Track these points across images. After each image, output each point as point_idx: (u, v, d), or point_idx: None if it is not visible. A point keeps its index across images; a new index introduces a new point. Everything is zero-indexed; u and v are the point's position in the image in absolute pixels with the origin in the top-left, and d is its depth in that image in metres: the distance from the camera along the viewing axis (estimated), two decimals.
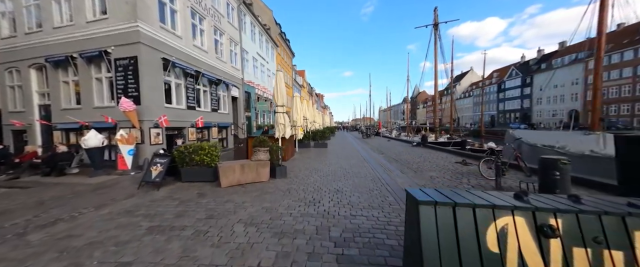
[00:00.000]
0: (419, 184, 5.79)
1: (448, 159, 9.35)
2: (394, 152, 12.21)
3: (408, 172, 7.17)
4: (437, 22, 18.32)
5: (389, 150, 13.43)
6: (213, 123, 10.95)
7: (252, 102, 16.59)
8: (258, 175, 5.79)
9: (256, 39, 18.11)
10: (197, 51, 9.97)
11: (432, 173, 7.00)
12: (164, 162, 5.30)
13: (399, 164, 8.62)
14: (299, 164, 8.43)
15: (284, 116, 8.69)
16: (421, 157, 10.10)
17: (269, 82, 21.28)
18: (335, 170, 7.46)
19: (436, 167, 7.91)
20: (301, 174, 6.90)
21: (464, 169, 7.44)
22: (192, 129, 9.37)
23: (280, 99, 8.62)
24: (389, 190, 5.24)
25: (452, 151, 11.57)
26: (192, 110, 9.46)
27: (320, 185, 5.62)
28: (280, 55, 25.51)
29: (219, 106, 11.80)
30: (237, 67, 14.10)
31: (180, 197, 4.65)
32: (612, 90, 35.23)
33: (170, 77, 8.48)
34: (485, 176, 5.96)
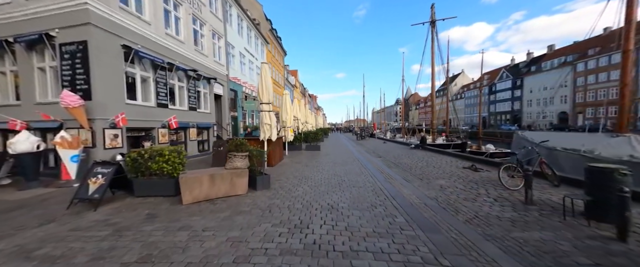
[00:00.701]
0: (429, 196, 4.78)
1: (453, 164, 8.45)
2: (392, 156, 11.26)
3: (413, 180, 6.18)
4: (434, 19, 17.67)
5: (386, 153, 12.49)
6: (191, 123, 9.68)
7: (238, 101, 15.34)
8: (233, 187, 4.64)
9: (244, 33, 16.91)
10: (171, 41, 8.71)
11: (441, 181, 6.03)
12: (107, 172, 4.08)
13: (400, 170, 7.64)
14: (287, 171, 7.31)
15: (270, 116, 7.56)
16: (423, 161, 9.17)
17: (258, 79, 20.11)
18: (329, 178, 6.39)
19: (443, 173, 6.96)
20: (288, 183, 5.79)
21: (476, 175, 6.52)
22: (164, 130, 8.09)
23: (266, 96, 7.49)
24: (395, 206, 4.20)
25: (453, 153, 10.72)
26: (164, 109, 8.19)
27: (311, 199, 4.52)
28: (271, 52, 24.34)
29: (198, 104, 10.54)
30: (221, 62, 12.86)
31: (121, 221, 3.45)
32: (600, 92, 35.84)
33: (135, 69, 7.21)
34: (506, 186, 5.02)
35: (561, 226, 3.32)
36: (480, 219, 3.64)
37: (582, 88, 38.51)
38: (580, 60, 38.67)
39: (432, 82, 17.46)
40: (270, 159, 7.95)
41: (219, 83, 12.46)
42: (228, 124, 13.40)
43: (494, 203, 4.32)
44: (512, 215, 3.75)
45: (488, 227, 3.35)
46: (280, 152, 9.28)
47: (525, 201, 4.20)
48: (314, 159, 9.91)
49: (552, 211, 3.83)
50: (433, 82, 17.45)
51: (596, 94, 36.47)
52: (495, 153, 16.15)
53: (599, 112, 36.18)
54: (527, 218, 3.62)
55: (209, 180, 4.37)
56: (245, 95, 16.58)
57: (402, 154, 11.69)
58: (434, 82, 17.81)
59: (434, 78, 17.46)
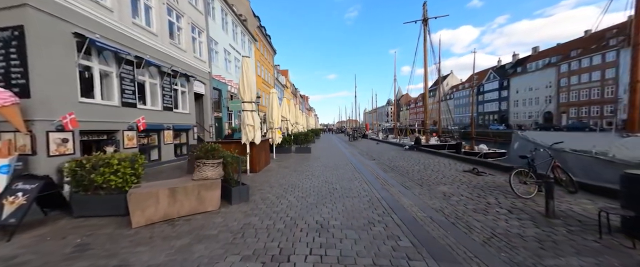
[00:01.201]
0: (433, 207, 4.13)
1: (452, 167, 7.90)
2: (386, 158, 10.65)
3: (412, 187, 5.53)
4: (426, 17, 17.34)
5: (380, 155, 11.88)
6: (166, 125, 8.69)
7: (223, 101, 14.34)
8: (201, 202, 3.80)
9: (229, 29, 15.92)
10: (140, 32, 7.72)
11: (443, 187, 5.42)
12: (31, 189, 3.15)
13: (397, 174, 7.00)
14: (273, 178, 6.50)
15: (253, 116, 6.74)
16: (420, 164, 8.59)
17: None
18: (319, 186, 5.64)
19: (443, 178, 6.37)
20: (271, 194, 4.99)
21: (479, 180, 5.95)
22: (131, 133, 7.09)
23: (248, 94, 6.67)
24: (397, 222, 3.51)
25: (450, 155, 10.24)
26: (131, 108, 7.19)
27: (296, 215, 3.76)
28: (260, 50, 23.37)
29: (175, 104, 9.54)
30: (202, 58, 11.87)
31: (33, 259, 2.55)
32: (583, 92, 37.03)
33: (92, 62, 6.20)
34: (519, 194, 4.44)
35: (600, 248, 2.72)
36: (500, 239, 3.00)
37: (566, 88, 39.73)
38: (564, 61, 39.89)
39: (425, 81, 17.10)
40: (254, 165, 7.12)
41: (200, 81, 11.47)
42: (211, 125, 12.40)
43: (509, 216, 3.71)
44: (536, 232, 3.14)
45: (512, 251, 2.70)
46: (266, 156, 8.45)
47: (547, 213, 3.61)
48: (303, 163, 9.13)
49: (582, 227, 3.24)
50: (425, 81, 17.08)
51: (579, 94, 37.68)
52: (489, 153, 15.94)
53: (581, 111, 37.38)
54: (555, 237, 3.01)
55: (169, 195, 3.52)
56: (231, 95, 15.59)
57: (397, 156, 11.11)
58: (427, 81, 17.46)
59: (426, 76, 17.10)
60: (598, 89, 35.01)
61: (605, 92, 34.16)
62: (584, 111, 36.93)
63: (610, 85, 33.48)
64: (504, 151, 15.98)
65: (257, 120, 6.86)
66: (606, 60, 33.81)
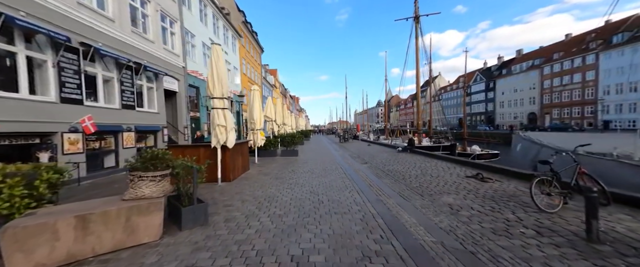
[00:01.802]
0: (442, 226, 3.27)
1: (452, 171, 7.16)
2: (379, 161, 9.83)
3: (412, 197, 4.68)
4: (418, 14, 16.84)
5: (372, 157, 11.07)
6: (126, 126, 7.43)
7: (201, 100, 13.08)
8: (132, 233, 2.74)
9: (208, 22, 14.67)
10: (88, 14, 6.47)
11: (448, 198, 4.60)
12: None
13: (393, 181, 6.15)
14: (248, 188, 5.46)
15: (224, 115, 5.68)
16: (416, 168, 7.81)
17: (229, 77, 17.77)
18: (302, 198, 4.66)
19: (445, 185, 5.57)
20: (241, 211, 3.97)
21: (486, 187, 5.19)
22: (75, 136, 5.84)
23: (218, 88, 5.61)
24: (400, 253, 2.61)
25: (446, 157, 9.56)
26: (75, 106, 5.93)
27: (265, 248, 2.77)
28: (245, 47, 22.14)
29: (140, 102, 8.28)
30: (175, 52, 10.62)
31: None
32: (565, 94, 38.23)
33: (16, 47, 4.94)
34: (541, 207, 3.66)
35: None
36: None
37: (549, 90, 40.95)
38: (547, 64, 41.13)
39: (417, 78, 16.56)
40: (227, 172, 6.05)
41: (172, 77, 10.21)
42: (186, 126, 11.13)
43: (540, 240, 2.90)
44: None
45: None
46: (244, 161, 7.37)
47: (589, 237, 2.81)
48: (288, 168, 8.13)
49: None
50: (418, 78, 16.54)
51: (561, 96, 38.88)
52: (482, 154, 15.57)
53: (564, 112, 38.57)
54: None
55: (77, 226, 2.43)
56: None
57: (390, 159, 10.32)
58: (419, 78, 16.94)
59: (418, 74, 16.57)
60: (579, 90, 36.21)
61: (585, 94, 35.36)
62: (566, 112, 38.12)
63: (590, 87, 34.69)
64: (497, 152, 15.68)
65: (231, 119, 5.80)
66: (586, 62, 35.03)
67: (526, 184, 5.29)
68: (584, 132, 29.34)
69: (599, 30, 36.69)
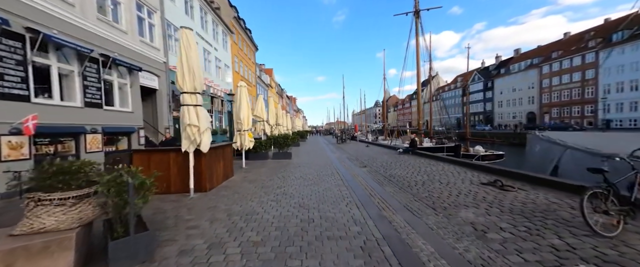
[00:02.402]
0: (469, 259, 2.38)
1: (463, 176, 6.31)
2: (379, 164, 8.96)
3: (423, 213, 3.81)
4: (418, 9, 16.06)
5: (371, 160, 10.19)
6: (90, 127, 6.46)
7: None
8: None
9: (195, 15, 13.71)
10: None
11: (467, 213, 3.74)
12: None
13: (397, 189, 5.28)
14: (224, 202, 4.54)
15: (197, 113, 4.76)
16: (422, 173, 6.95)
17: (219, 75, 16.80)
18: (289, 215, 3.76)
19: (460, 195, 4.71)
20: (205, 236, 3.06)
21: (511, 199, 4.34)
22: (17, 139, 4.87)
23: (188, 81, 4.69)
24: None
25: (453, 160, 8.72)
26: (18, 103, 4.97)
27: None
28: (237, 44, 21.17)
29: (108, 99, 7.31)
30: (154, 45, 9.66)
31: None
32: (564, 93, 37.83)
33: None
34: (597, 230, 2.80)
35: None
36: None
37: (548, 89, 40.56)
38: (545, 62, 40.75)
39: (418, 77, 15.76)
40: (203, 181, 5.12)
41: (151, 73, 9.24)
42: (168, 127, 10.15)
43: None
44: None
45: None
46: (226, 166, 6.44)
47: None
48: (278, 174, 7.21)
49: None
50: (418, 77, 15.74)
51: (560, 95, 38.48)
52: (486, 155, 14.80)
53: (563, 111, 38.17)
54: None
55: None
56: None
57: (391, 162, 9.45)
58: (420, 77, 16.15)
59: (419, 73, 15.77)
60: (578, 89, 35.82)
61: (585, 93, 34.96)
62: (566, 111, 37.71)
63: (590, 86, 34.30)
64: (502, 153, 14.93)
65: (205, 118, 4.88)
66: (586, 61, 34.65)
67: (556, 193, 4.46)
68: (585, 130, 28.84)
69: (598, 29, 36.39)
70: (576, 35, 39.41)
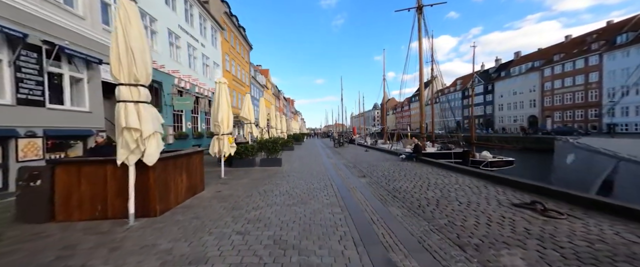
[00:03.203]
0: None
1: (486, 193, 5.12)
2: (381, 173, 7.76)
3: (449, 255, 2.61)
4: (421, 4, 15.03)
5: (372, 168, 8.99)
6: (22, 130, 5.21)
7: (165, 98, 10.86)
8: None
9: (178, 6, 12.53)
10: None
11: (512, 259, 2.56)
12: None
13: (406, 211, 4.07)
14: (172, 234, 3.30)
15: (137, 112, 3.53)
16: (433, 187, 5.76)
17: (206, 73, 15.59)
18: (252, 265, 2.52)
19: (491, 224, 3.52)
20: None
21: (567, 233, 3.15)
22: None
23: (126, 68, 3.47)
24: None
25: (463, 169, 7.55)
26: None
27: None
28: (229, 42, 20.00)
29: (54, 96, 6.06)
30: None
31: None
32: (567, 96, 37.05)
33: None
34: None
35: None
36: None
37: (550, 92, 39.79)
38: (547, 65, 40.04)
39: (420, 76, 14.67)
40: (150, 202, 3.88)
41: None
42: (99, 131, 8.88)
43: None
44: None
45: None
46: (193, 180, 5.21)
47: None
48: (260, 187, 5.99)
49: None
50: (421, 76, 14.67)
51: (563, 98, 37.69)
52: (495, 161, 13.68)
53: (566, 115, 37.34)
54: None
55: None
56: (179, 91, 12.11)
57: (394, 171, 8.26)
58: (423, 76, 15.07)
59: (422, 71, 14.70)
60: (582, 92, 35.04)
61: (589, 96, 34.17)
62: (569, 115, 36.89)
63: (594, 89, 33.53)
64: (511, 159, 13.81)
65: (151, 120, 3.65)
66: (589, 64, 33.93)
67: (625, 224, 3.26)
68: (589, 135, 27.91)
69: (600, 31, 35.80)
70: (578, 38, 38.81)
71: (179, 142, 11.32)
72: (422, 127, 14.86)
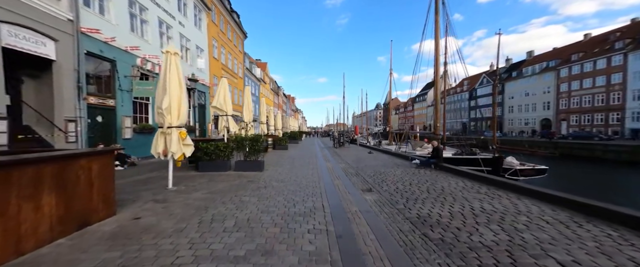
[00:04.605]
0: None
1: (585, 234, 2.93)
2: (393, 187, 5.55)
3: None
4: None
5: (380, 177, 6.77)
6: None
7: (120, 81, 8.69)
8: None
9: None
10: None
11: None
12: None
13: None
14: None
15: None
16: (482, 218, 3.57)
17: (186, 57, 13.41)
18: None
19: None
20: None
21: None
22: None
23: None
24: None
25: (505, 182, 5.34)
26: None
27: None
28: (217, 26, 17.79)
29: None
30: None
31: None
32: (585, 99, 34.55)
33: None
34: None
35: None
36: None
37: (566, 94, 37.29)
38: (564, 65, 37.50)
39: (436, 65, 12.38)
40: None
41: (42, 34, 5.87)
42: (74, 119, 6.76)
43: None
44: None
45: None
46: (84, 202, 3.05)
47: None
48: (209, 211, 3.84)
49: None
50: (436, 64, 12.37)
51: (581, 101, 35.19)
52: (524, 169, 11.44)
53: (583, 119, 34.86)
54: None
55: None
56: (144, 74, 9.94)
57: (411, 182, 6.05)
58: (438, 67, 12.74)
59: (437, 58, 12.38)
60: (602, 95, 32.53)
61: (610, 99, 31.68)
62: (587, 118, 34.40)
63: (616, 92, 31.04)
64: (545, 167, 11.55)
65: None
66: (612, 64, 31.40)
67: None
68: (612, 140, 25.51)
69: (624, 29, 33.24)
70: (600, 36, 36.22)
71: (142, 137, 9.18)
72: (437, 127, 12.58)
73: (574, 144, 25.98)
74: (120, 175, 6.77)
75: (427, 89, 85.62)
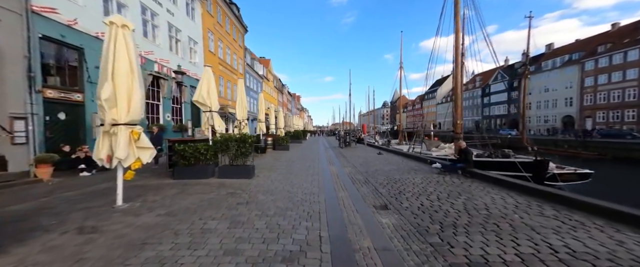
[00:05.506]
0: None
1: None
2: (417, 203, 4.08)
3: None
4: None
5: (397, 188, 5.31)
6: None
7: (87, 71, 7.53)
8: None
9: None
10: None
11: None
12: None
13: None
14: None
15: None
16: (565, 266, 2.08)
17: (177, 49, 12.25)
18: None
19: None
20: None
21: None
22: None
23: None
24: None
25: (577, 200, 3.81)
26: None
27: None
28: (213, 17, 16.60)
29: None
30: None
31: None
32: (614, 94, 31.71)
33: None
34: None
35: None
36: None
37: (591, 89, 34.43)
38: (589, 58, 34.62)
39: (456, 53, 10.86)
40: None
41: None
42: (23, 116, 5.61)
43: None
44: None
45: None
46: None
47: None
48: (151, 249, 2.50)
49: None
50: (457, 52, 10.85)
51: (608, 96, 32.33)
52: (564, 174, 9.69)
53: (611, 115, 32.02)
54: None
55: None
56: None
57: (438, 196, 4.57)
58: (459, 58, 11.17)
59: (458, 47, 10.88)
60: (634, 89, 29.67)
61: None
62: (616, 115, 31.55)
63: None
64: (590, 171, 9.77)
65: None
66: None
67: None
68: None
69: None
70: (630, 25, 33.18)
71: None
72: (457, 124, 10.94)
73: (616, 144, 22.83)
74: (77, 184, 5.61)
75: (436, 86, 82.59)
